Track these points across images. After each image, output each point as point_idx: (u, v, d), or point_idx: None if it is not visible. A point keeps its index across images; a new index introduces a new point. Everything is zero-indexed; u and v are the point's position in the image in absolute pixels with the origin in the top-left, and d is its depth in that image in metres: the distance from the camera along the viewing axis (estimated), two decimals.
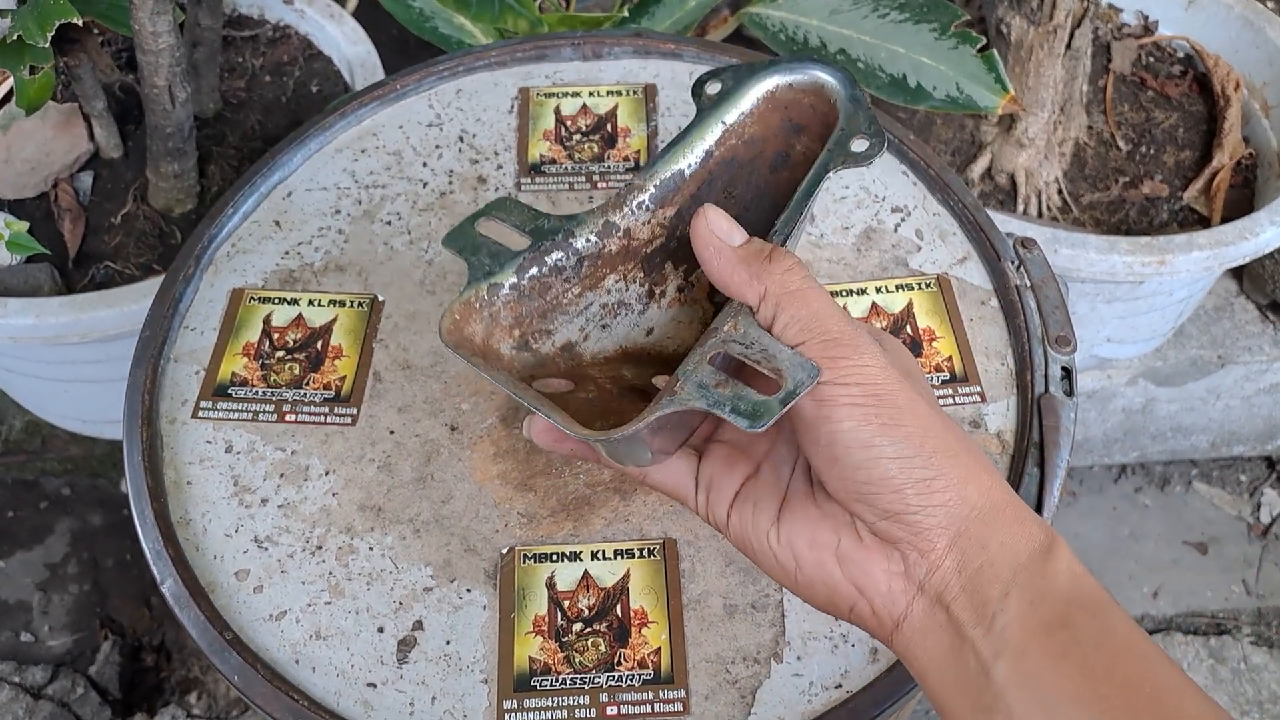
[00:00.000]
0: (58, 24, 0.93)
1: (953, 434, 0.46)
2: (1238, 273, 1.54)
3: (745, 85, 0.55)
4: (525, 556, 0.63)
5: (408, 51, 1.54)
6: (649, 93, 0.86)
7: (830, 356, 0.45)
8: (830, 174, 0.52)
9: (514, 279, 0.53)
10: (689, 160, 0.55)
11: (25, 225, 1.01)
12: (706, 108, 0.55)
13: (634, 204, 0.55)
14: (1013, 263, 0.73)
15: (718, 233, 0.49)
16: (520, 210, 0.55)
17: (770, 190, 0.57)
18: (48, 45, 0.93)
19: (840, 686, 0.59)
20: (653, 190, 0.55)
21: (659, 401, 0.46)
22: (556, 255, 0.54)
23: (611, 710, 0.58)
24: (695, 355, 0.47)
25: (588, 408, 0.54)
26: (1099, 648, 0.43)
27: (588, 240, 0.55)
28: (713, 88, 0.55)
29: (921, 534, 0.45)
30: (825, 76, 0.54)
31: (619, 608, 0.62)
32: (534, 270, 0.54)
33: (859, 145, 0.52)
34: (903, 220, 0.78)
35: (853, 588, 0.47)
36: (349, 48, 1.36)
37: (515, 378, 0.53)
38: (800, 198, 0.52)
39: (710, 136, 0.55)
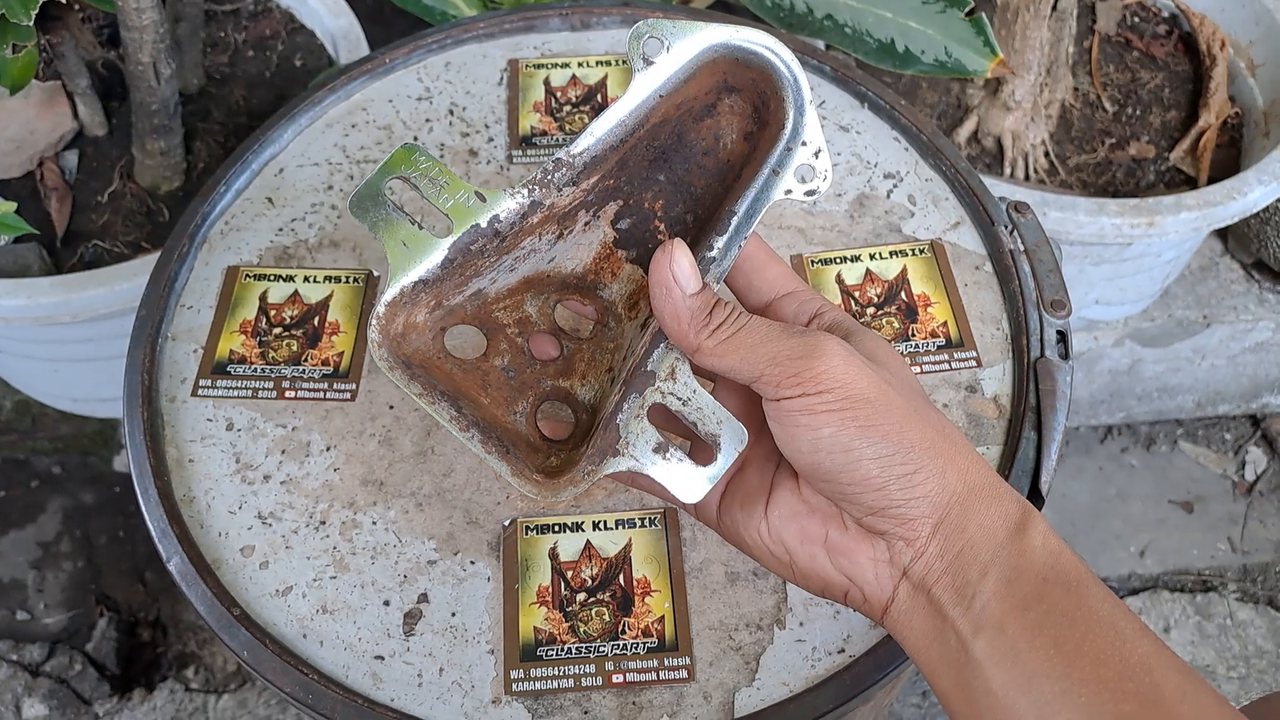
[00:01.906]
0: (41, 2, 0.92)
1: (928, 422, 0.47)
2: (1222, 232, 1.54)
3: (687, 46, 0.53)
4: (527, 528, 0.64)
5: (384, 21, 1.53)
6: None
7: (794, 374, 0.46)
8: (772, 199, 0.53)
9: (438, 271, 0.53)
10: (621, 134, 0.54)
11: (13, 205, 1.00)
12: (643, 73, 0.53)
13: (561, 182, 0.55)
14: (1006, 227, 0.74)
15: (678, 276, 0.49)
16: (428, 168, 0.54)
17: (692, 136, 0.56)
18: (31, 23, 0.92)
19: (843, 651, 0.60)
20: (582, 168, 0.55)
21: (604, 459, 0.50)
22: (480, 244, 0.54)
23: (617, 678, 0.59)
24: (632, 403, 0.50)
25: (507, 383, 0.55)
26: (1072, 623, 0.44)
27: (511, 223, 0.54)
28: (651, 47, 0.53)
29: (906, 524, 0.47)
30: (782, 71, 0.53)
31: (621, 577, 0.62)
32: (457, 260, 0.53)
33: (803, 175, 0.53)
34: (895, 186, 0.78)
35: (843, 577, 0.49)
36: (331, 20, 1.35)
37: (427, 333, 0.54)
38: (740, 222, 0.52)
39: (645, 109, 0.54)
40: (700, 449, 0.51)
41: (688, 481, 0.49)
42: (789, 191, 0.53)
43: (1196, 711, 0.42)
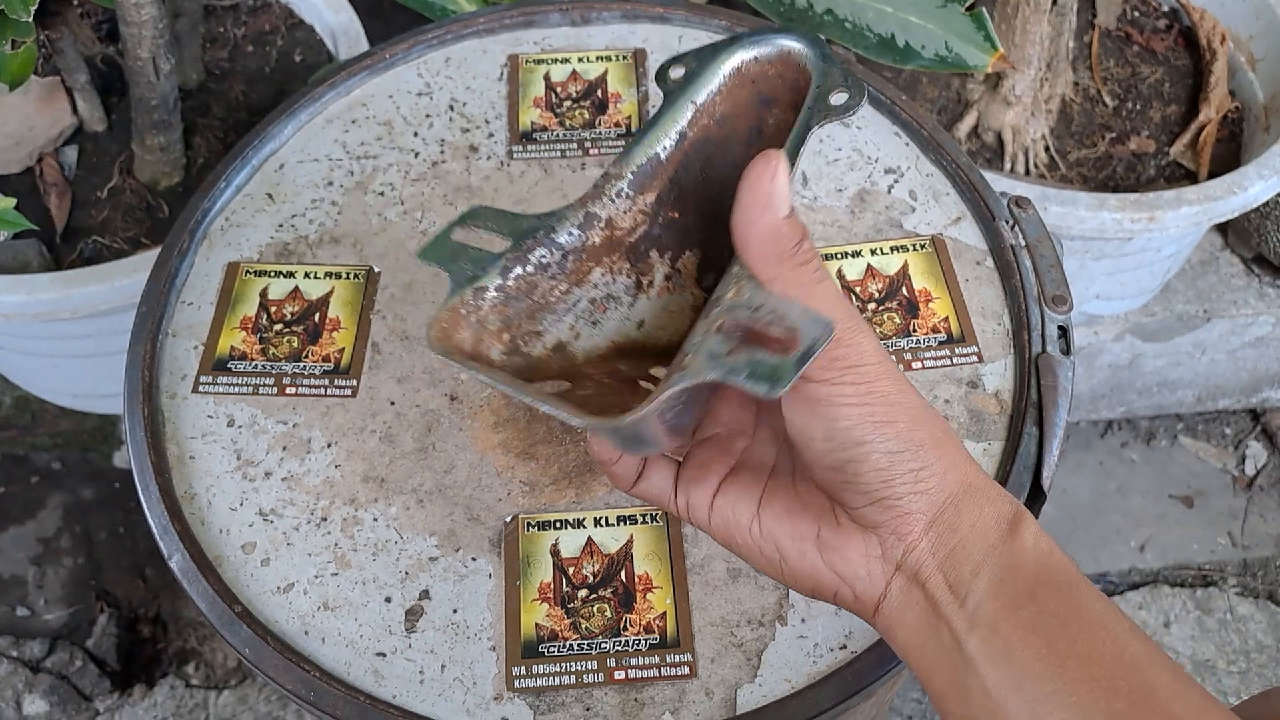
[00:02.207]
0: None
1: (935, 420, 0.48)
2: (1223, 227, 1.54)
3: (710, 64, 0.54)
4: (529, 524, 0.64)
5: (384, 16, 1.53)
6: (639, 57, 0.86)
7: (834, 357, 0.45)
8: (815, 128, 0.51)
9: (499, 280, 0.52)
10: (664, 144, 0.54)
11: (12, 201, 1.00)
12: (674, 90, 0.54)
13: (613, 193, 0.54)
14: (1007, 222, 0.74)
15: (776, 193, 0.45)
16: (497, 216, 0.53)
17: (747, 165, 0.56)
18: (30, 19, 0.92)
19: (845, 647, 0.60)
20: (630, 177, 0.54)
21: (670, 379, 0.44)
22: (540, 252, 0.53)
23: (619, 675, 0.59)
24: (701, 326, 0.46)
25: (586, 403, 0.52)
26: (1064, 622, 0.44)
27: (570, 234, 0.53)
28: (676, 72, 0.54)
29: (903, 518, 0.46)
30: (791, 44, 0.53)
31: (623, 573, 0.62)
32: (518, 270, 0.53)
33: (838, 98, 0.51)
34: (896, 181, 0.78)
35: (834, 575, 0.49)
36: (331, 16, 1.34)
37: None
38: (787, 158, 0.49)
39: (682, 118, 0.54)
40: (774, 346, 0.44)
41: (768, 373, 0.41)
42: (826, 116, 0.51)
43: (1188, 710, 0.42)
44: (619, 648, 0.60)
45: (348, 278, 0.74)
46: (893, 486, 0.46)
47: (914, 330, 0.70)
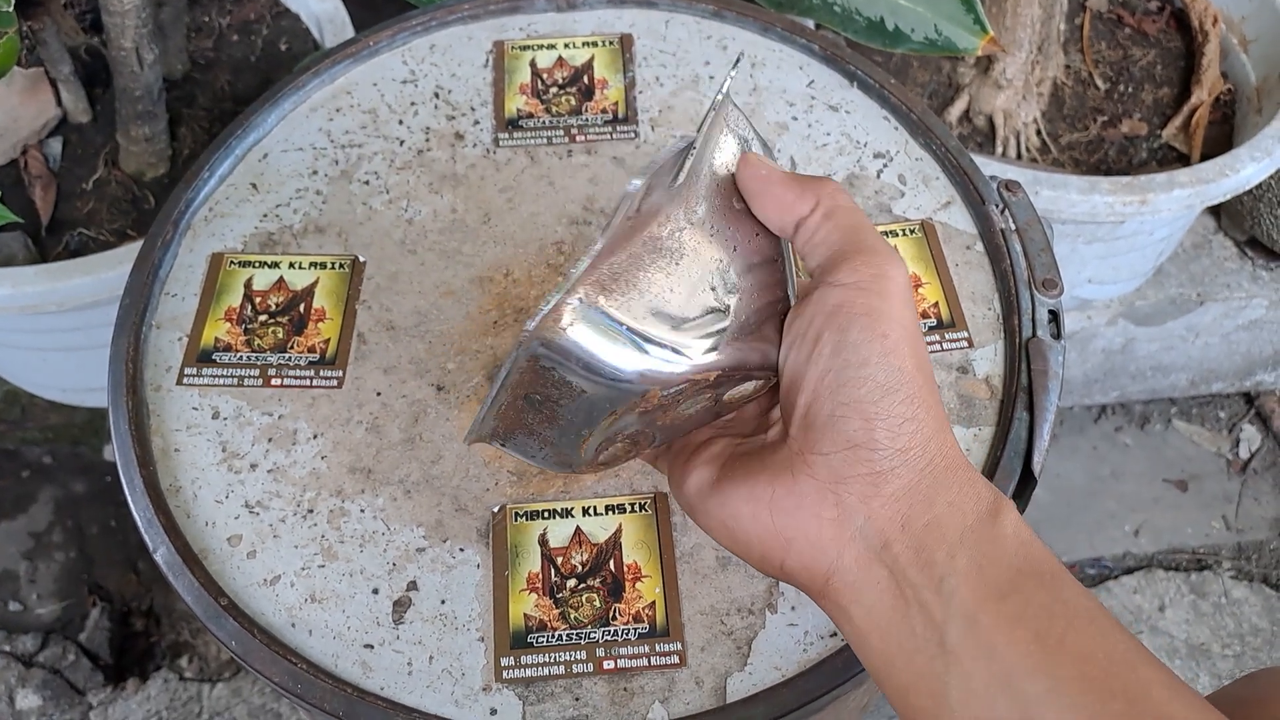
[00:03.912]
0: None
1: (935, 389, 0.46)
2: (1216, 210, 1.54)
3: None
4: (517, 514, 0.63)
5: (370, 4, 1.52)
6: (625, 43, 0.85)
7: (865, 261, 0.45)
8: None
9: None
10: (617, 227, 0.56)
11: None
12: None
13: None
14: (997, 206, 0.73)
15: (771, 173, 0.48)
16: None
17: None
18: (11, 9, 0.91)
19: (835, 635, 0.60)
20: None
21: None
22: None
23: (608, 664, 0.59)
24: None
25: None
26: (1052, 616, 0.41)
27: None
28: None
29: (872, 477, 0.44)
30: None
31: (612, 563, 0.62)
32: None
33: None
34: (885, 166, 0.78)
35: (782, 539, 0.46)
36: (317, 4, 1.33)
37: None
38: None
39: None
40: None
41: None
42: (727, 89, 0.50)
43: (1185, 710, 0.40)
44: (608, 637, 0.59)
45: (333, 267, 0.73)
46: (872, 431, 0.43)
47: None
